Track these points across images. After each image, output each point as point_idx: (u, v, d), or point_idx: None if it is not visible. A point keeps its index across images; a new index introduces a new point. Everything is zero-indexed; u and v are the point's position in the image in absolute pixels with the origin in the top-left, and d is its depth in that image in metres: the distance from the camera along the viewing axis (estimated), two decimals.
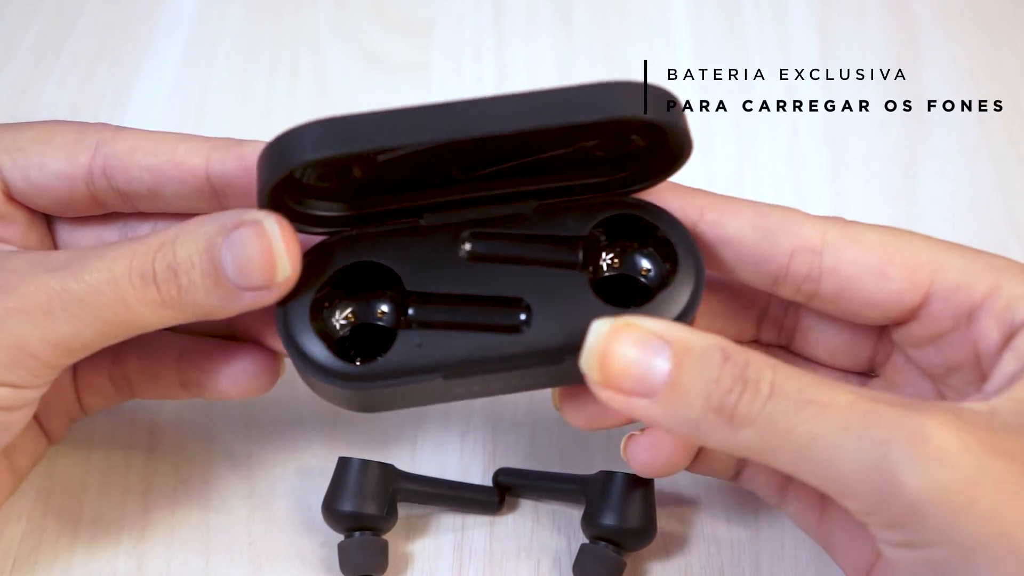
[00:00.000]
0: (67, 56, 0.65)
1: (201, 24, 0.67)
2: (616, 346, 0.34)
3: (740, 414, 0.34)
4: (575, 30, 0.67)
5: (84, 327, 0.39)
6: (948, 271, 0.39)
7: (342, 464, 0.45)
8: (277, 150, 0.38)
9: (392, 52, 0.66)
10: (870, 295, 0.40)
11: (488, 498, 0.47)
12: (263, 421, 0.50)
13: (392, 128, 0.36)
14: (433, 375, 0.39)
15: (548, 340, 0.39)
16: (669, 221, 0.41)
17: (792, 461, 0.34)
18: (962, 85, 0.63)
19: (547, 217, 0.41)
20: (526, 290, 0.40)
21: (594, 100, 0.37)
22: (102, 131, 0.44)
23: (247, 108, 0.63)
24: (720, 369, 0.34)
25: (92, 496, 0.48)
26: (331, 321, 0.41)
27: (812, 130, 0.62)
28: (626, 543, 0.44)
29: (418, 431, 0.50)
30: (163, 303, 0.39)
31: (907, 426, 0.32)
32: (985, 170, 0.60)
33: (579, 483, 0.46)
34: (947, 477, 0.32)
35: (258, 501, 0.48)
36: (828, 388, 0.34)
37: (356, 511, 0.44)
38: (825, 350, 0.44)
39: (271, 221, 0.39)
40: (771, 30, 0.66)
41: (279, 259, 0.39)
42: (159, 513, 0.47)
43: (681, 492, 0.48)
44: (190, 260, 0.39)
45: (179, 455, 0.49)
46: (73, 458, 0.49)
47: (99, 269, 0.39)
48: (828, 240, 0.40)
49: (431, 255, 0.40)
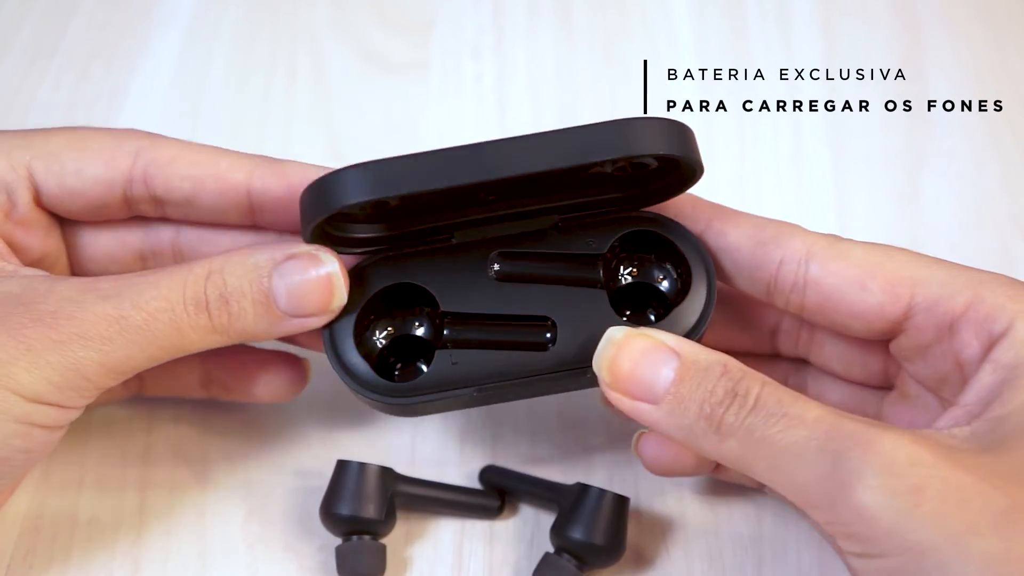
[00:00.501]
0: (62, 55, 0.65)
1: (198, 22, 0.67)
2: (628, 352, 0.38)
3: (726, 424, 0.37)
4: (576, 29, 0.67)
5: (138, 351, 0.41)
6: (929, 284, 0.41)
7: (340, 467, 0.45)
8: (320, 192, 0.41)
9: (391, 51, 0.66)
10: (851, 306, 0.41)
11: (488, 502, 0.47)
12: (261, 423, 0.50)
13: (427, 172, 0.40)
14: (468, 390, 0.43)
15: (573, 355, 0.43)
16: (684, 236, 0.44)
17: (765, 470, 0.37)
18: (966, 84, 0.63)
19: (568, 233, 0.44)
20: (551, 309, 0.43)
21: (613, 139, 0.40)
22: (139, 138, 0.45)
23: (244, 108, 0.63)
24: (716, 382, 0.37)
25: (88, 498, 0.48)
26: (372, 340, 0.45)
27: (815, 130, 0.62)
28: (589, 559, 0.44)
29: (417, 435, 0.50)
30: (213, 329, 0.42)
31: (862, 439, 0.35)
32: (989, 170, 0.60)
33: (555, 491, 0.46)
34: (893, 483, 0.34)
35: (255, 504, 0.48)
36: (803, 403, 0.37)
37: (354, 515, 0.44)
38: (839, 363, 0.45)
39: (326, 253, 0.42)
40: (774, 29, 0.66)
41: (337, 289, 0.42)
42: (155, 516, 0.47)
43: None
44: (241, 289, 0.42)
45: (176, 457, 0.49)
46: (69, 459, 0.49)
47: (155, 297, 0.41)
48: (814, 252, 0.42)
49: (463, 275, 0.44)
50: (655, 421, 0.38)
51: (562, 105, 0.64)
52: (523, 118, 0.63)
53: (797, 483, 0.36)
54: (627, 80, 0.64)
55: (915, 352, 0.42)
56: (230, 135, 0.61)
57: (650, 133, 0.40)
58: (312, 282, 0.42)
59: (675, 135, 0.41)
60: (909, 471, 0.34)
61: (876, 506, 0.34)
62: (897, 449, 0.35)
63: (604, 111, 0.64)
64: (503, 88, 0.64)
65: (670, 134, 0.41)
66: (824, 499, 0.36)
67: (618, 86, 0.64)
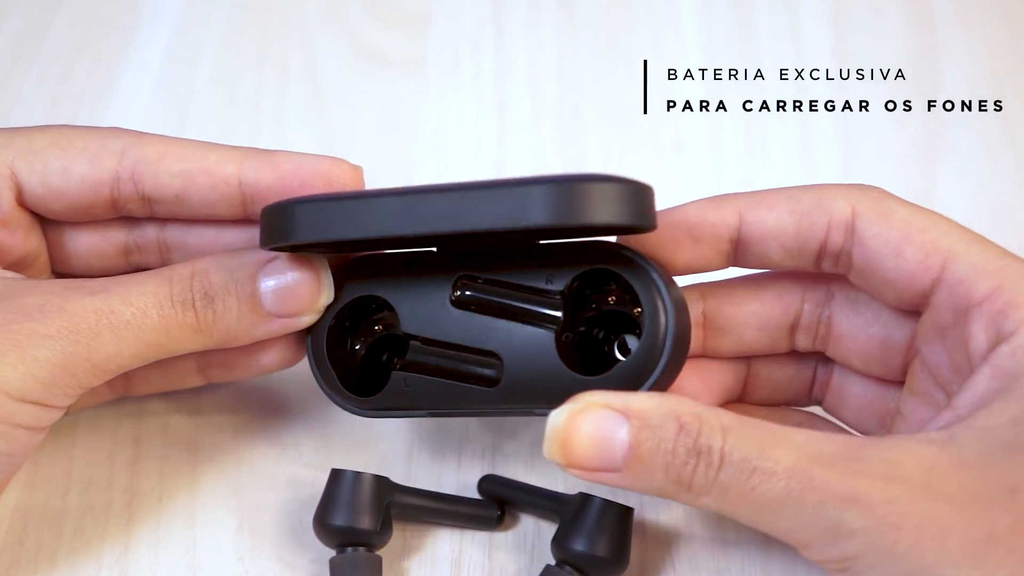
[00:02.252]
0: (47, 50, 0.65)
1: (187, 17, 0.67)
2: (576, 429, 0.37)
3: (697, 485, 0.37)
4: (578, 22, 0.67)
5: (125, 348, 0.42)
6: (961, 261, 0.40)
7: (334, 476, 0.45)
8: (267, 221, 0.42)
9: (386, 46, 0.66)
10: (886, 272, 0.41)
11: (487, 513, 0.47)
12: (252, 431, 0.50)
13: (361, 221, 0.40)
14: (420, 412, 0.45)
15: (518, 396, 0.43)
16: (643, 278, 0.42)
17: (749, 520, 0.37)
18: (982, 82, 0.63)
19: (536, 260, 0.43)
20: (501, 344, 0.43)
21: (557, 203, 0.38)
22: (125, 135, 0.45)
23: (235, 105, 0.64)
24: (675, 441, 0.37)
25: (73, 509, 0.48)
26: (342, 347, 0.46)
27: (825, 129, 0.62)
28: (592, 572, 0.44)
29: (414, 442, 0.50)
30: (198, 328, 0.43)
31: (836, 490, 0.36)
32: (1007, 169, 0.60)
33: (556, 501, 0.46)
34: (871, 524, 0.35)
35: (246, 514, 0.48)
36: (772, 451, 0.36)
37: (349, 525, 0.44)
38: (858, 358, 0.45)
39: (316, 254, 0.43)
40: (783, 24, 0.66)
41: (324, 287, 0.44)
42: (143, 527, 0.47)
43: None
44: (226, 287, 0.43)
45: (164, 466, 0.49)
46: (53, 469, 0.49)
47: (143, 293, 0.42)
48: (859, 212, 0.42)
49: (425, 296, 0.44)
50: (622, 486, 0.38)
51: (563, 102, 0.64)
52: (523, 116, 0.63)
53: (783, 530, 0.37)
54: (631, 76, 0.64)
55: (935, 333, 0.41)
56: (220, 133, 0.61)
57: (601, 201, 0.38)
58: (298, 281, 0.43)
59: (629, 202, 0.39)
60: (886, 511, 0.35)
61: (861, 547, 0.36)
62: (873, 495, 0.35)
63: (607, 108, 0.64)
64: (502, 84, 0.64)
65: (623, 202, 0.39)
66: (812, 542, 0.37)
67: (622, 82, 0.64)
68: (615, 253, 0.43)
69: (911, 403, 0.43)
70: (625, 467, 0.37)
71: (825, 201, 0.42)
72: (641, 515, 0.47)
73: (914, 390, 0.43)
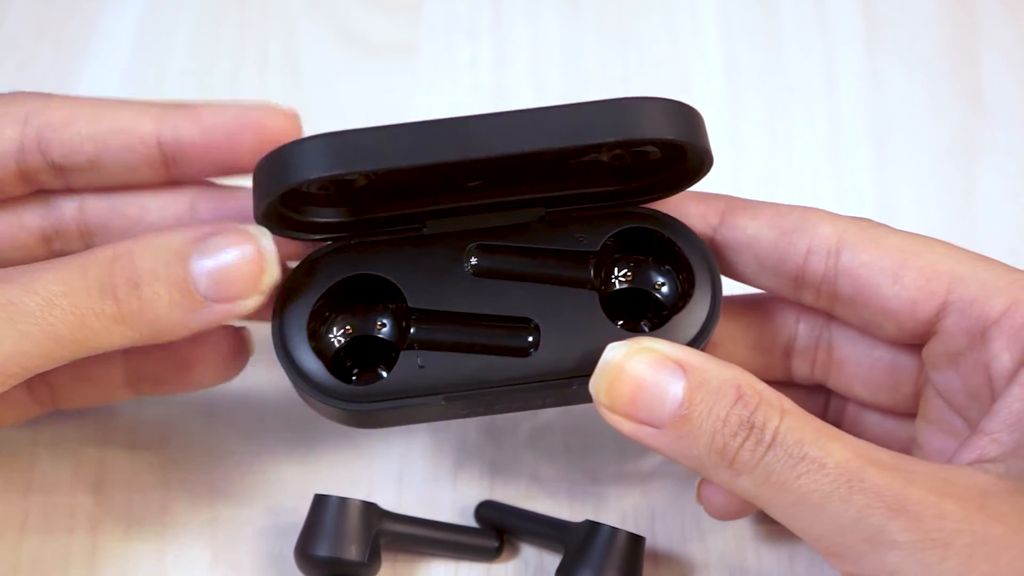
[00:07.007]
0: (3, 36, 0.65)
1: (157, 0, 0.67)
2: (630, 373, 0.38)
3: (740, 460, 0.37)
4: (584, 5, 0.67)
5: (31, 345, 0.39)
6: (968, 282, 0.41)
7: (318, 502, 0.45)
8: (276, 165, 0.40)
9: (374, 32, 0.66)
10: (884, 301, 0.42)
11: (485, 542, 0.47)
12: (228, 452, 0.50)
13: (400, 147, 0.40)
14: (435, 398, 0.42)
15: (557, 364, 0.42)
16: (686, 235, 0.43)
17: (784, 514, 0.37)
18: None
19: (556, 228, 0.44)
20: (535, 310, 0.43)
21: (611, 120, 0.40)
22: (29, 100, 0.45)
23: (210, 96, 0.63)
24: (730, 409, 0.37)
25: (32, 538, 0.48)
26: (328, 336, 0.44)
27: (855, 124, 0.62)
28: None
29: (405, 464, 0.50)
30: (120, 318, 0.40)
31: (886, 496, 0.36)
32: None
33: (560, 529, 0.46)
34: (919, 540, 0.36)
35: (222, 544, 0.48)
36: (827, 443, 0.37)
37: (334, 556, 0.44)
38: (864, 387, 0.45)
39: (254, 227, 0.41)
40: (810, 9, 0.66)
41: (268, 265, 0.41)
42: (108, 558, 0.47)
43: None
44: (154, 271, 0.40)
45: (131, 491, 0.49)
46: (9, 495, 0.49)
47: (53, 281, 0.40)
48: (846, 240, 0.42)
49: (435, 269, 0.43)
50: (659, 447, 0.38)
51: (567, 92, 0.64)
52: (523, 107, 0.63)
53: (818, 532, 0.37)
54: (642, 63, 0.64)
55: (945, 360, 0.42)
56: None
57: (654, 116, 0.40)
58: (238, 260, 0.41)
59: (682, 119, 0.41)
60: (936, 526, 0.36)
61: (899, 564, 0.36)
62: (924, 507, 0.36)
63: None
64: (501, 73, 0.64)
65: (676, 118, 0.41)
66: (847, 551, 0.37)
67: (632, 70, 0.64)
68: (647, 214, 0.44)
69: (926, 431, 0.44)
70: (670, 425, 0.37)
71: (811, 223, 0.43)
72: (653, 544, 0.47)
73: (928, 418, 0.44)
